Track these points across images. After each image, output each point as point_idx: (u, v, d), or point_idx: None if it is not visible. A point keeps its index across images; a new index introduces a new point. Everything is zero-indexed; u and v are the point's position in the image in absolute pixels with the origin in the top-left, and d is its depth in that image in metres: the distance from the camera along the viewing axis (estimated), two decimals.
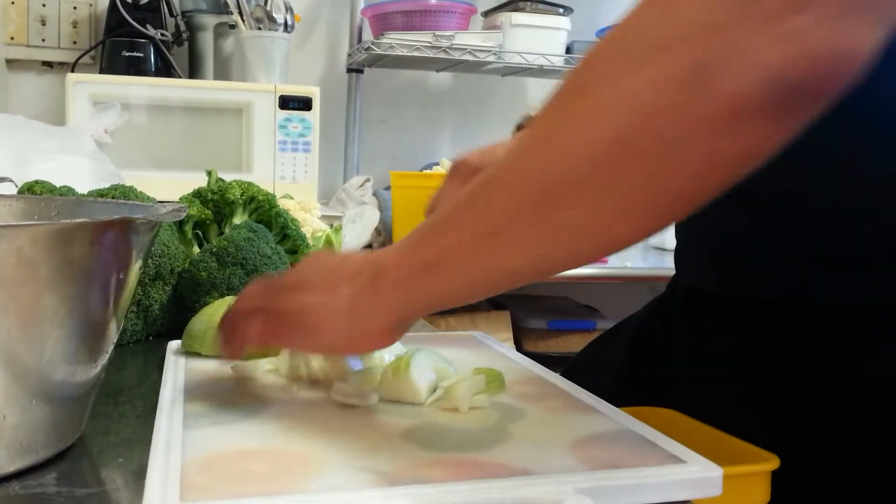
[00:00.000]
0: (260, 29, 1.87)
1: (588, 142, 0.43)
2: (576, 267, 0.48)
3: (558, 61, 2.06)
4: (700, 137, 0.41)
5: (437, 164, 1.91)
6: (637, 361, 0.88)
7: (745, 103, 0.40)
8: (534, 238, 0.46)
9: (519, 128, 0.81)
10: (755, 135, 0.41)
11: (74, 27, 2.01)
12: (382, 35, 1.95)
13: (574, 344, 1.84)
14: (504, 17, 2.03)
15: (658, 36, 0.42)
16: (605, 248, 0.47)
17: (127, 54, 1.85)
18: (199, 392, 0.58)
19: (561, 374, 0.97)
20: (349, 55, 2.17)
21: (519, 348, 1.84)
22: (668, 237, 2.12)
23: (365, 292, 0.52)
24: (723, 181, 0.43)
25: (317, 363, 0.62)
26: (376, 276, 0.52)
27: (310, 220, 1.26)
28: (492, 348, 0.75)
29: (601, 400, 0.59)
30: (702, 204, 0.44)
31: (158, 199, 0.81)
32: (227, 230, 0.93)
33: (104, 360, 0.50)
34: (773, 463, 0.58)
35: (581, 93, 0.45)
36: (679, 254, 0.86)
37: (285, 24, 1.89)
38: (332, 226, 1.30)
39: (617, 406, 0.59)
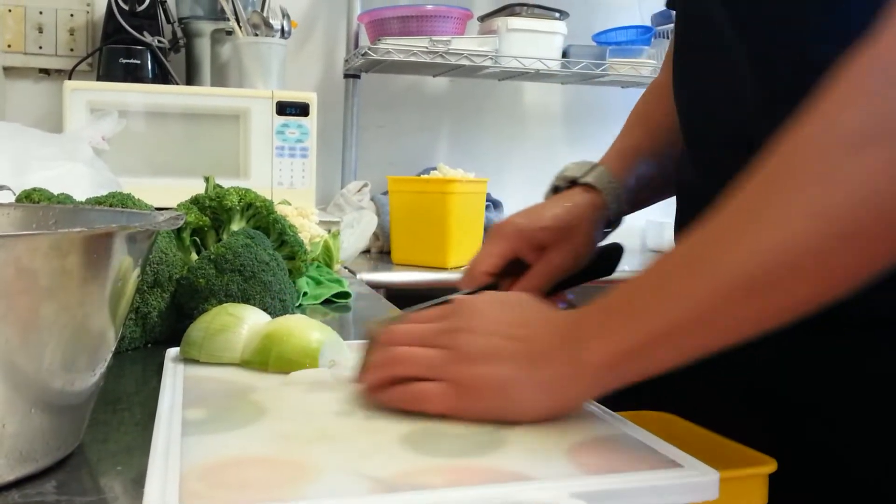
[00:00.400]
0: (257, 35, 1.87)
1: (802, 233, 0.46)
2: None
3: (554, 65, 2.07)
4: None
5: (434, 168, 1.92)
6: None
7: None
8: (739, 321, 0.49)
9: (555, 189, 0.81)
10: None
11: (71, 34, 2.02)
12: (379, 40, 1.95)
13: None
14: (500, 22, 2.04)
15: (872, 126, 0.45)
16: (802, 315, 0.49)
17: (124, 61, 1.86)
18: (197, 399, 0.58)
19: None
20: (346, 61, 2.18)
21: None
22: (667, 239, 2.13)
23: (567, 371, 0.53)
24: None
25: None
26: (577, 359, 0.53)
27: (308, 225, 1.27)
28: None
29: (598, 404, 0.59)
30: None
31: (156, 205, 0.81)
32: (224, 237, 0.93)
33: (103, 368, 0.51)
34: (770, 466, 0.58)
35: (792, 182, 0.47)
36: None
37: (282, 30, 1.90)
38: (329, 231, 1.31)
39: (616, 409, 0.59)
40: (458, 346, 0.56)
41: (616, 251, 0.80)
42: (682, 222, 0.77)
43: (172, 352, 0.71)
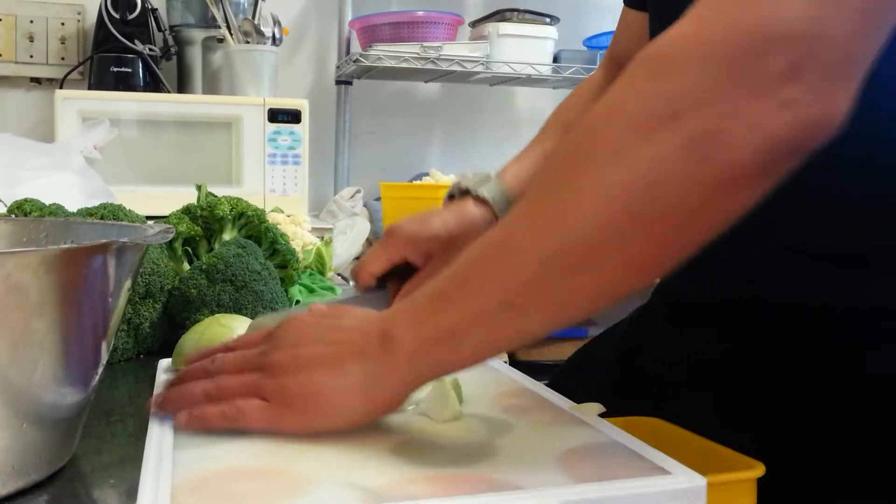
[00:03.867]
0: (248, 42, 1.87)
1: (600, 214, 0.46)
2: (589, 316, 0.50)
3: (546, 70, 2.07)
4: (704, 202, 0.45)
5: (426, 174, 1.92)
6: (624, 369, 0.89)
7: (745, 170, 0.44)
8: (550, 304, 0.48)
9: (450, 197, 0.83)
10: (752, 192, 0.45)
11: (62, 43, 2.02)
12: (370, 47, 1.96)
13: (566, 351, 1.83)
14: (491, 28, 2.04)
15: (660, 109, 0.45)
16: (615, 300, 0.49)
17: (115, 70, 1.86)
18: None
19: (548, 382, 0.98)
20: (337, 67, 2.18)
21: (511, 356, 1.84)
22: None
23: (378, 368, 0.52)
24: (720, 230, 0.47)
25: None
26: (388, 350, 0.52)
27: (300, 233, 1.27)
28: None
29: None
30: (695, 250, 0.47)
31: (148, 214, 0.82)
32: (216, 246, 0.94)
33: (95, 381, 0.51)
34: (758, 470, 0.58)
35: (587, 166, 0.47)
36: None
37: (273, 37, 1.90)
38: (322, 238, 1.31)
39: (605, 413, 0.60)
40: (270, 362, 0.55)
41: None
42: None
43: (164, 363, 0.71)
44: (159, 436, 0.52)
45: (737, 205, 0.45)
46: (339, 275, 1.55)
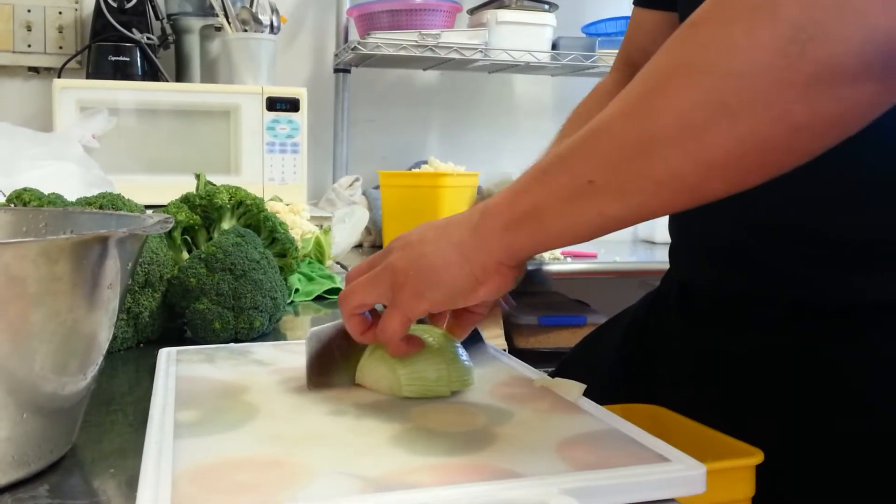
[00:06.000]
0: (246, 31, 1.87)
1: (685, 100, 0.45)
2: (671, 213, 0.51)
3: (544, 58, 2.07)
4: (798, 100, 0.42)
5: (425, 162, 1.92)
6: (631, 356, 0.89)
7: (845, 67, 0.40)
8: (631, 188, 0.48)
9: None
10: (855, 98, 0.42)
11: (60, 32, 2.01)
12: (368, 35, 1.95)
13: (565, 339, 1.85)
14: (490, 15, 2.04)
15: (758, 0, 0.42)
16: (699, 200, 0.48)
17: (113, 59, 1.85)
18: (189, 400, 0.58)
19: (556, 369, 0.98)
20: (336, 55, 2.18)
21: (510, 344, 1.85)
22: (658, 230, 2.14)
23: (472, 233, 0.56)
24: (821, 143, 0.44)
25: (435, 373, 0.62)
26: (482, 221, 0.56)
27: (299, 222, 1.27)
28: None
29: (587, 400, 0.60)
30: (800, 163, 0.45)
31: (147, 203, 0.81)
32: (215, 235, 0.93)
33: (94, 371, 0.51)
34: (757, 457, 0.58)
35: (680, 58, 0.46)
36: (674, 249, 0.87)
37: (271, 25, 1.89)
38: (321, 227, 1.31)
39: (611, 401, 0.60)
40: (387, 249, 0.61)
41: None
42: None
43: (164, 352, 0.71)
44: (160, 425, 0.52)
45: (839, 109, 0.42)
46: (338, 263, 1.55)
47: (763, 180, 0.46)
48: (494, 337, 1.72)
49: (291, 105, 1.76)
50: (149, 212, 0.78)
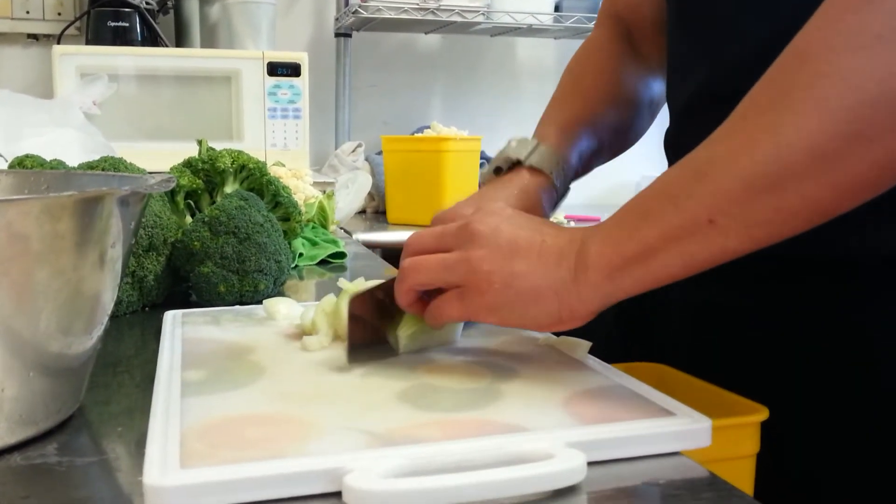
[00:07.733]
0: None
1: (815, 132, 0.46)
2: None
3: (547, 20, 2.05)
4: None
5: (428, 127, 1.91)
6: (630, 319, 0.89)
7: None
8: (759, 222, 0.48)
9: (497, 170, 0.77)
10: None
11: None
12: None
13: None
14: None
15: (884, 27, 0.44)
16: (816, 223, 0.49)
17: (112, 24, 1.84)
18: (196, 361, 0.58)
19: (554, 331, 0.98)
20: (336, 19, 2.16)
21: None
22: None
23: (574, 280, 0.53)
24: None
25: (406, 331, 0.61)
26: (584, 266, 0.53)
27: (302, 186, 1.27)
28: None
29: (593, 357, 0.60)
30: None
31: (149, 169, 0.81)
32: (218, 199, 0.93)
33: (100, 331, 0.51)
34: (762, 414, 0.58)
35: (804, 87, 0.47)
36: None
37: None
38: (324, 192, 1.31)
39: (611, 360, 0.60)
40: (472, 251, 0.56)
41: None
42: None
43: (170, 315, 0.71)
44: (167, 384, 0.52)
45: None
46: (341, 228, 1.55)
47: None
48: None
49: (292, 70, 1.75)
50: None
